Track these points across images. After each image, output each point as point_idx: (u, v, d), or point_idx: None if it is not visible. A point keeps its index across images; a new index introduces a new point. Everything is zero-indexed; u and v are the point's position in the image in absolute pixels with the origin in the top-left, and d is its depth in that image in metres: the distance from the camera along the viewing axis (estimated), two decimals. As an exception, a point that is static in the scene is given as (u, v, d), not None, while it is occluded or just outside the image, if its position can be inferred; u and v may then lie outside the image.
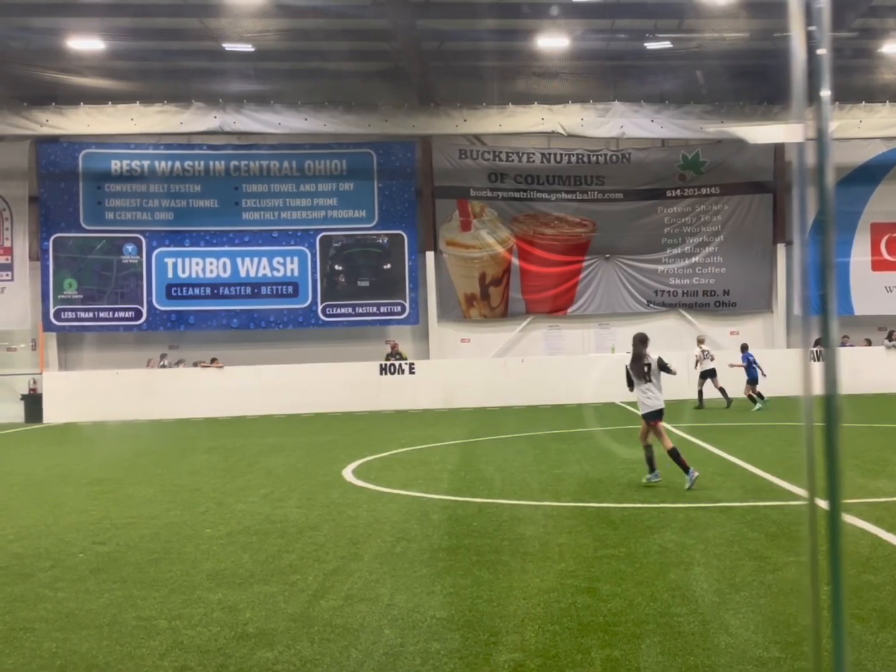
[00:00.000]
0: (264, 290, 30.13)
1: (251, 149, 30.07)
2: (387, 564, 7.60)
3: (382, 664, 5.26)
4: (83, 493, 12.51)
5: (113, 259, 29.80)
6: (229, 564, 7.85)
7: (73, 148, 29.62)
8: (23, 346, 29.68)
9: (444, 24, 25.24)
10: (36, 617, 6.48)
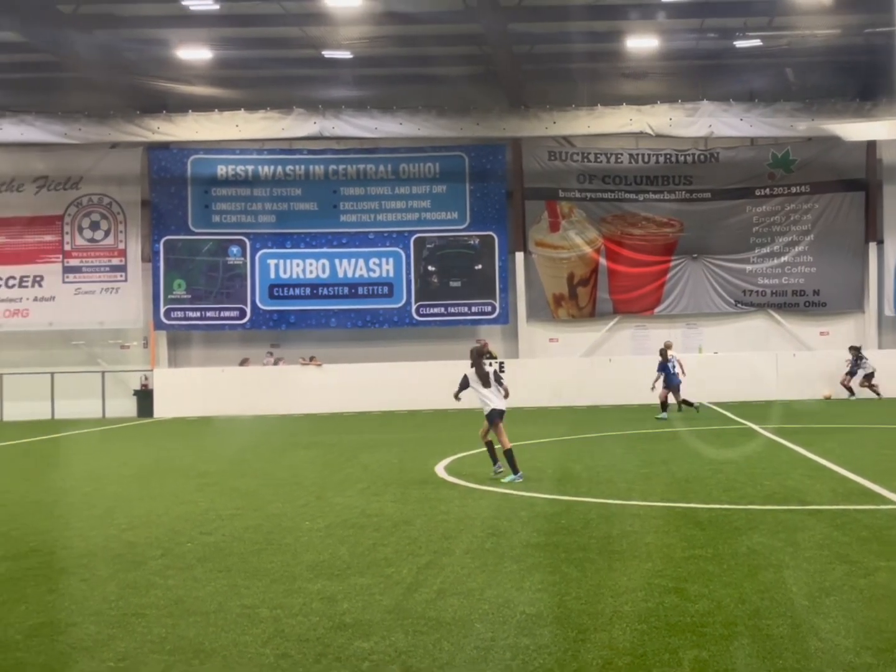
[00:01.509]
0: (361, 290, 30.45)
1: (349, 153, 30.39)
2: (477, 559, 7.62)
3: (473, 658, 5.28)
4: (191, 485, 12.82)
5: (219, 260, 30.41)
6: (327, 556, 7.95)
7: (182, 154, 30.32)
8: (135, 344, 30.49)
9: (535, 27, 25.18)
10: (147, 603, 6.63)
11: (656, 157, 30.12)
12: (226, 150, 30.30)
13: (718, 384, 26.41)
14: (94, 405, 29.53)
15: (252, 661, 5.33)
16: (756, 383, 26.79)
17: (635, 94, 28.34)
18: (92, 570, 7.72)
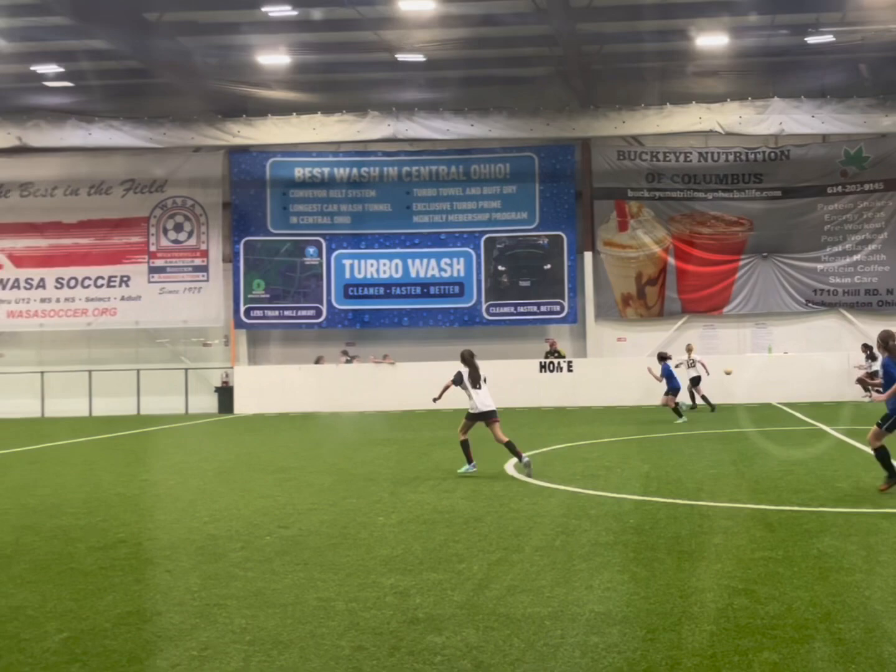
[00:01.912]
0: (433, 289, 30.55)
1: (422, 154, 30.51)
2: (547, 557, 7.61)
3: (543, 654, 5.28)
4: (269, 479, 12.99)
5: (296, 261, 30.77)
6: (401, 551, 8.00)
7: (261, 157, 30.74)
8: (216, 342, 30.98)
9: (604, 27, 25.02)
10: (228, 594, 6.72)
11: (726, 156, 29.69)
12: (303, 153, 30.64)
13: (788, 384, 25.99)
14: (177, 401, 30.08)
15: (328, 653, 5.38)
16: (827, 383, 26.28)
17: (705, 93, 27.95)
18: (176, 561, 7.86)
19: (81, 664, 5.24)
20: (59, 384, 30.07)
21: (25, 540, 8.93)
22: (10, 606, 6.48)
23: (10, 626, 6.01)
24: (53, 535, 9.17)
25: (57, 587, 7.01)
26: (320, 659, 5.28)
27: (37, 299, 31.11)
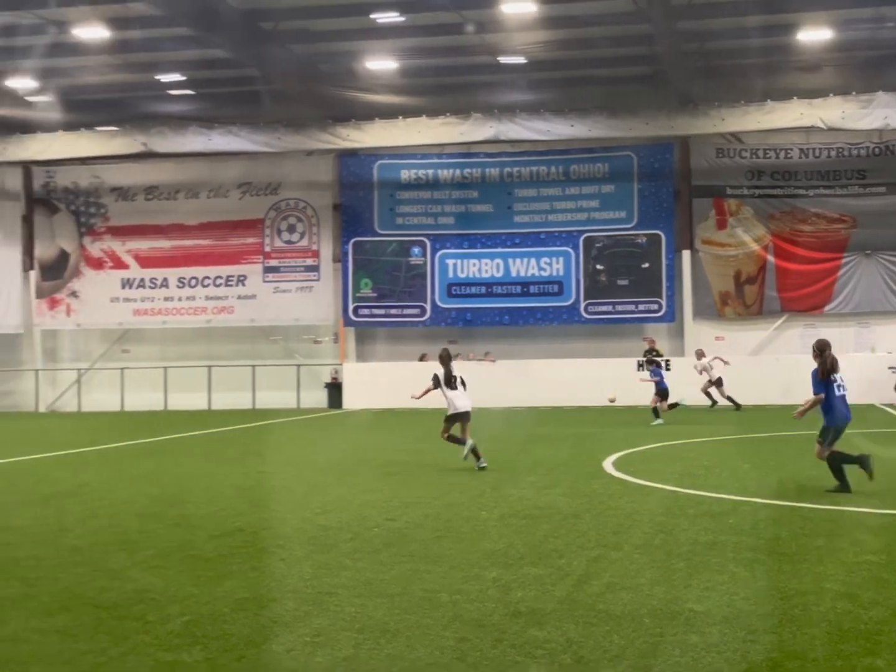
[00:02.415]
0: (532, 288, 30.46)
1: (523, 155, 30.42)
2: (646, 555, 7.51)
3: (643, 652, 5.22)
4: (376, 473, 13.14)
5: (402, 261, 31.02)
6: (502, 546, 7.99)
7: (369, 159, 31.07)
8: (327, 340, 31.47)
9: (704, 24, 24.48)
10: (339, 583, 6.80)
11: (828, 152, 28.77)
12: (409, 155, 30.85)
13: (891, 385, 25.06)
14: (289, 396, 30.62)
15: (433, 643, 5.41)
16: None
17: (806, 88, 27.02)
18: (289, 550, 7.99)
19: (202, 647, 5.37)
20: (180, 379, 30.88)
21: (150, 527, 9.21)
22: (137, 590, 6.67)
23: (136, 608, 6.19)
24: (176, 523, 9.44)
25: (179, 573, 7.19)
26: (426, 648, 5.31)
27: (160, 298, 32.06)
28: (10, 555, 7.96)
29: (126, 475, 13.62)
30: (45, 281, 32.69)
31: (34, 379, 32.39)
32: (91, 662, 5.11)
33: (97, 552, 8.04)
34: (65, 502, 10.98)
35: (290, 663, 5.11)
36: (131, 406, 30.85)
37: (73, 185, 32.57)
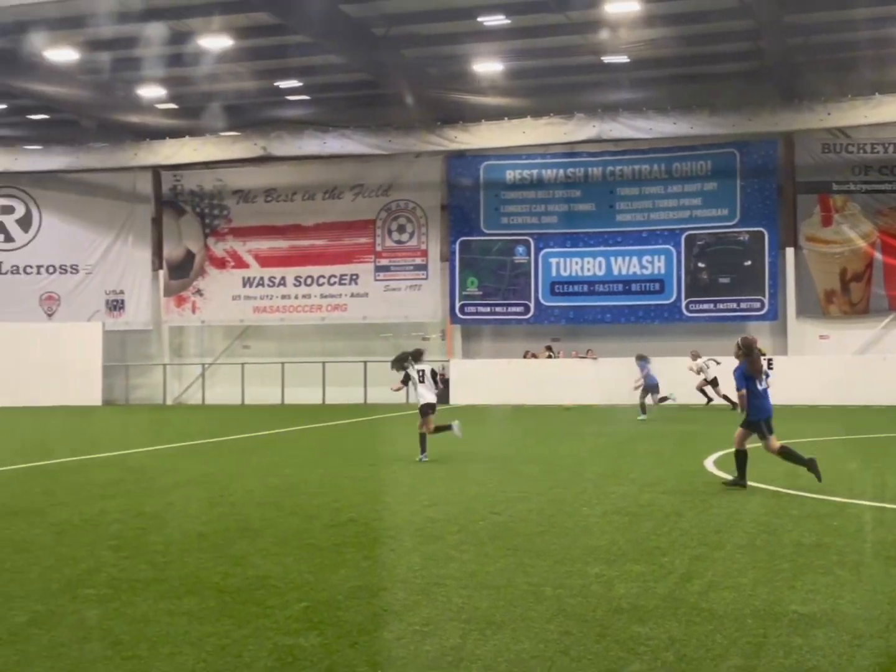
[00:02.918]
0: (634, 287, 30.07)
1: (625, 154, 30.03)
2: (748, 556, 7.33)
3: (746, 652, 5.10)
4: (482, 467, 13.18)
5: (507, 259, 31.00)
6: (605, 542, 7.91)
7: (475, 160, 31.12)
8: (434, 336, 31.65)
9: (810, 18, 23.64)
10: (446, 574, 6.82)
11: (941, 144, 27.53)
12: (514, 156, 30.78)
13: None
14: (399, 392, 30.79)
15: (537, 636, 5.39)
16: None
17: (917, 81, 25.93)
18: (399, 541, 8.07)
19: (319, 632, 5.45)
20: (296, 374, 31.45)
21: (269, 516, 9.41)
22: (258, 576, 6.81)
23: (257, 593, 6.32)
24: (293, 512, 9.61)
25: (297, 560, 7.31)
26: (530, 641, 5.30)
27: (278, 296, 32.74)
28: (142, 539, 8.26)
29: (247, 466, 13.98)
30: (172, 280, 33.72)
31: (162, 373, 33.46)
32: (215, 644, 5.25)
33: (220, 539, 8.26)
34: (190, 490, 11.34)
35: (399, 651, 5.15)
36: (251, 399, 31.59)
37: (199, 188, 33.51)
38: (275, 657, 5.03)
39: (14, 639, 5.38)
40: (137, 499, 10.65)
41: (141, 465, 13.72)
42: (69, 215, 33.22)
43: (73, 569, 7.10)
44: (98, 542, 8.16)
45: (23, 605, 6.09)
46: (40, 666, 4.91)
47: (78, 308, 32.93)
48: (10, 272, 32.95)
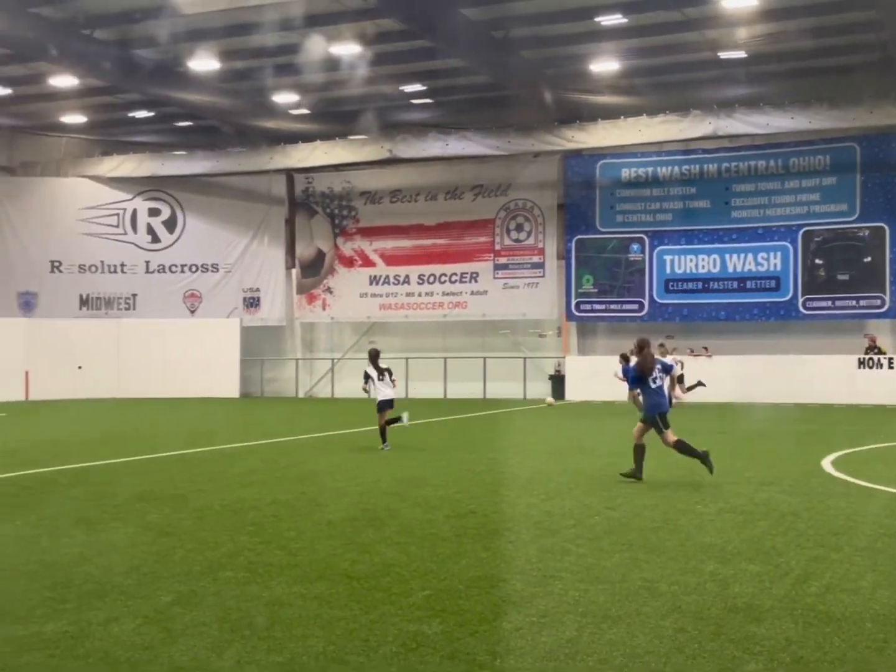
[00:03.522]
0: (749, 284, 29.21)
1: (740, 150, 29.15)
2: (868, 558, 7.04)
3: (866, 657, 4.89)
4: (597, 463, 13.04)
5: (621, 257, 30.56)
6: (719, 540, 7.73)
7: (592, 160, 30.75)
8: (550, 333, 31.46)
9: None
10: (562, 567, 6.79)
11: None
12: (629, 154, 30.28)
13: None
14: (516, 387, 30.85)
15: (652, 631, 5.31)
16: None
17: None
18: (517, 533, 8.06)
19: (441, 620, 5.51)
20: (419, 369, 31.74)
21: (394, 506, 9.53)
22: (383, 563, 6.92)
23: (383, 580, 6.43)
24: (416, 503, 9.72)
25: (420, 549, 7.40)
26: (645, 637, 5.23)
27: (403, 293, 33.11)
28: (276, 526, 8.50)
29: (373, 457, 14.22)
30: (304, 278, 34.50)
31: (294, 367, 34.31)
32: (344, 628, 5.37)
33: (349, 527, 8.42)
34: (320, 480, 11.60)
35: (518, 641, 5.15)
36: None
37: (329, 189, 34.17)
38: (400, 643, 5.11)
39: (160, 617, 5.63)
40: (272, 487, 10.94)
41: (276, 455, 14.11)
42: (210, 217, 34.36)
43: (214, 552, 7.37)
44: (236, 527, 8.45)
45: (168, 585, 6.37)
46: (184, 643, 5.12)
47: (218, 305, 34.01)
48: (156, 271, 34.29)
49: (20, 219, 33.38)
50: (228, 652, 4.97)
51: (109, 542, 7.80)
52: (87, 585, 6.33)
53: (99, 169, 33.64)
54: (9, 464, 13.27)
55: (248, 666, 4.77)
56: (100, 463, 13.51)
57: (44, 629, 5.36)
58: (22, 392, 30.29)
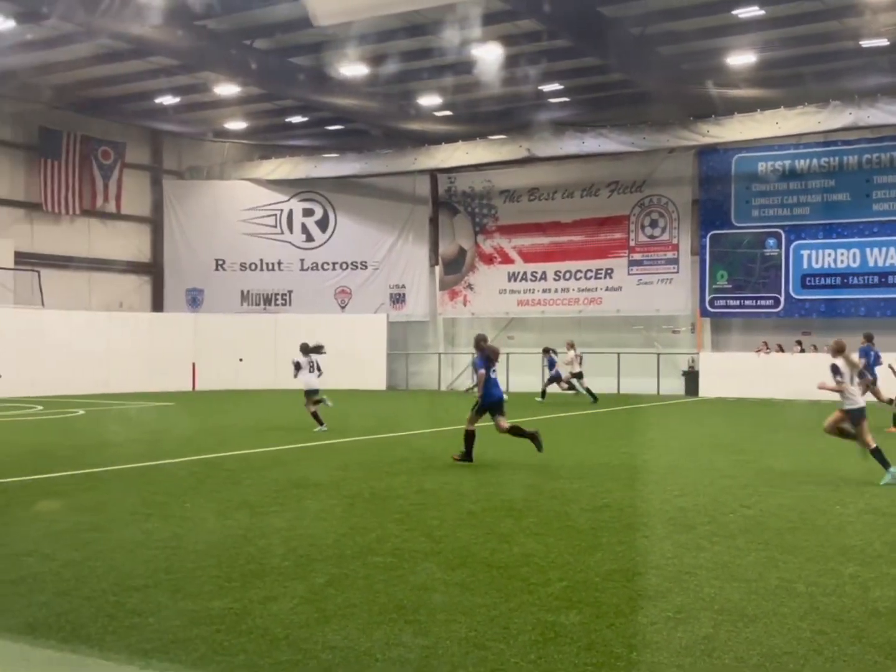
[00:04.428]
0: (891, 279, 27.66)
1: (883, 141, 27.54)
2: None
3: None
4: (730, 460, 12.64)
5: (757, 252, 29.51)
6: (859, 542, 7.40)
7: (727, 154, 29.76)
8: (684, 330, 30.70)
9: None
10: (697, 564, 6.65)
11: None
12: (766, 148, 29.10)
13: None
14: (649, 383, 30.23)
15: (790, 632, 5.15)
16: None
17: None
18: (651, 528, 7.94)
19: (577, 611, 5.50)
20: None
21: (531, 498, 9.56)
22: (522, 553, 6.95)
23: (522, 570, 6.45)
24: (553, 495, 9.70)
25: (557, 541, 7.39)
26: (783, 637, 5.07)
27: (539, 290, 32.99)
28: (421, 514, 8.65)
29: (510, 449, 14.24)
30: (446, 275, 34.83)
31: (437, 361, 34.72)
32: (485, 615, 5.43)
33: (489, 517, 8.49)
34: (462, 471, 11.68)
35: (653, 636, 5.10)
36: (515, 387, 31.99)
37: (470, 189, 34.38)
38: (538, 632, 5.14)
39: (314, 597, 5.83)
40: (418, 477, 11.14)
41: (422, 446, 14.35)
42: (359, 216, 35.13)
43: (364, 537, 7.58)
44: (384, 514, 8.66)
45: (322, 567, 6.59)
46: (336, 623, 5.31)
47: (366, 301, 34.74)
48: (310, 269, 35.36)
49: (188, 220, 35.07)
50: (377, 633, 5.12)
51: (269, 525, 8.14)
52: (249, 565, 6.63)
53: (258, 172, 34.93)
54: (178, 450, 14.03)
55: (395, 647, 4.90)
56: (260, 450, 14.09)
57: (211, 605, 5.66)
58: (189, 383, 31.80)
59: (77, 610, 5.54)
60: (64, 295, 31.33)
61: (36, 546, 7.22)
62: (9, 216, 30.93)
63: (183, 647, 4.88)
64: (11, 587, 6.04)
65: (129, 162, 33.81)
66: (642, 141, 28.45)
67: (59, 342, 27.20)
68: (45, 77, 27.67)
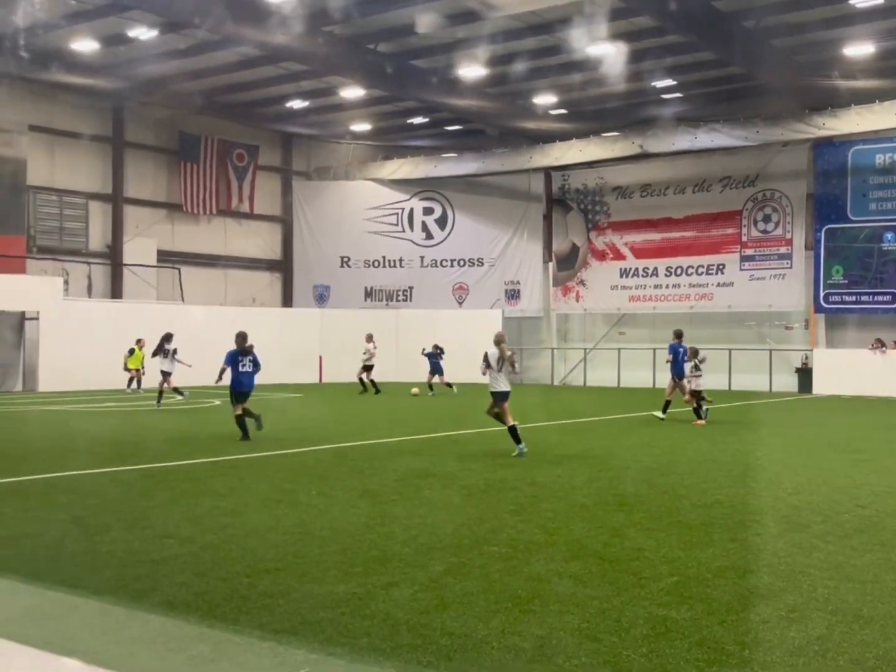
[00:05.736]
0: None
1: None
2: None
3: None
4: (845, 459, 12.14)
5: (874, 247, 28.15)
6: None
7: (843, 147, 28.45)
8: (797, 326, 29.60)
9: None
10: (810, 564, 6.44)
11: None
12: (884, 139, 27.63)
13: None
14: (761, 379, 29.26)
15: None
16: None
17: None
18: (763, 526, 7.73)
19: (688, 607, 5.40)
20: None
21: (642, 492, 9.42)
22: (633, 548, 6.87)
23: (633, 564, 6.38)
24: (664, 490, 9.53)
25: (668, 536, 7.27)
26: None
27: (651, 286, 32.38)
28: (535, 506, 8.65)
29: (622, 444, 14.08)
30: (560, 271, 34.61)
31: (550, 356, 34.55)
32: (597, 608, 5.40)
33: (600, 510, 8.43)
34: (574, 464, 11.65)
35: (766, 634, 4.96)
36: (626, 382, 31.59)
37: (583, 186, 34.01)
38: (649, 626, 5.08)
39: (433, 585, 5.92)
40: (532, 469, 11.12)
41: (536, 439, 14.32)
42: (476, 214, 35.26)
43: (480, 528, 7.64)
44: (499, 505, 8.69)
45: (440, 556, 6.68)
46: (454, 611, 5.36)
47: (482, 297, 34.85)
48: (430, 265, 35.72)
49: (316, 219, 35.99)
50: (493, 622, 5.16)
51: (390, 513, 8.29)
52: (371, 552, 6.78)
53: (381, 172, 35.50)
54: (305, 439, 14.46)
55: (511, 636, 4.93)
56: (383, 441, 14.38)
57: (336, 589, 5.81)
58: (316, 375, 32.63)
59: (213, 591, 5.77)
60: (202, 291, 32.66)
61: (177, 529, 7.57)
62: (152, 217, 32.44)
63: (311, 629, 5.04)
64: (154, 567, 6.35)
65: (262, 164, 34.96)
66: (755, 135, 27.51)
67: (199, 336, 28.32)
68: (186, 84, 28.88)
